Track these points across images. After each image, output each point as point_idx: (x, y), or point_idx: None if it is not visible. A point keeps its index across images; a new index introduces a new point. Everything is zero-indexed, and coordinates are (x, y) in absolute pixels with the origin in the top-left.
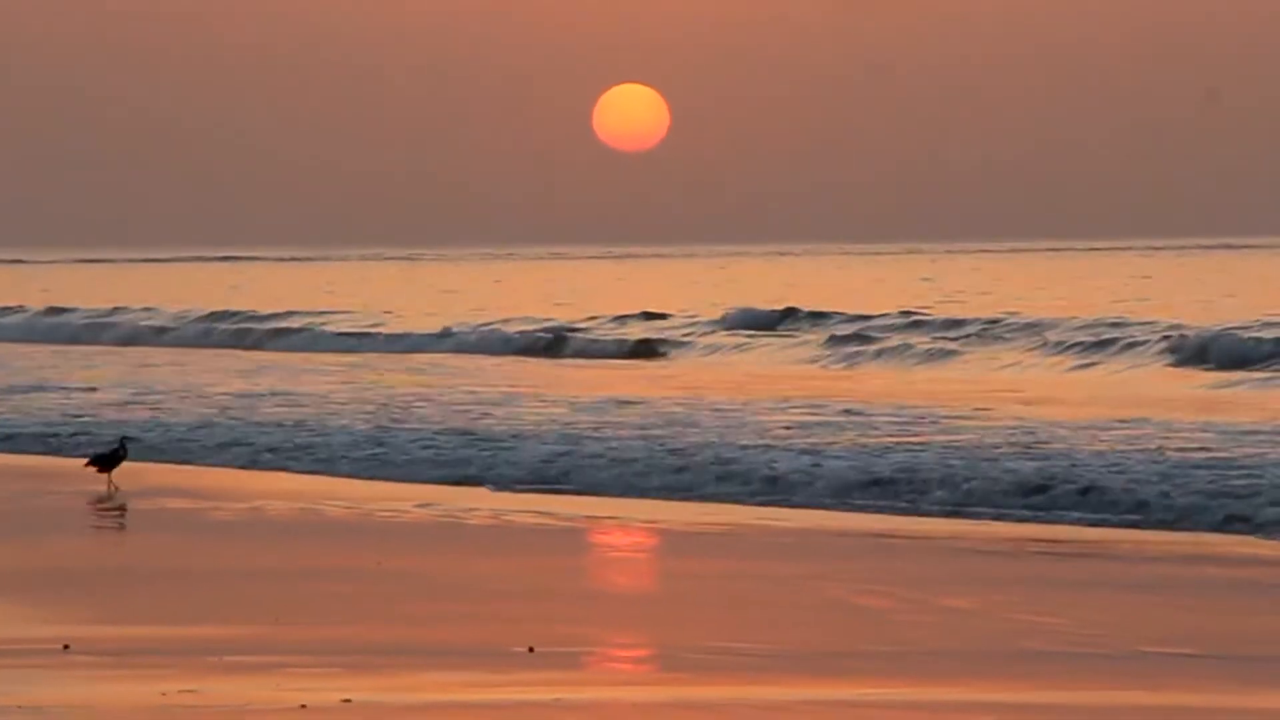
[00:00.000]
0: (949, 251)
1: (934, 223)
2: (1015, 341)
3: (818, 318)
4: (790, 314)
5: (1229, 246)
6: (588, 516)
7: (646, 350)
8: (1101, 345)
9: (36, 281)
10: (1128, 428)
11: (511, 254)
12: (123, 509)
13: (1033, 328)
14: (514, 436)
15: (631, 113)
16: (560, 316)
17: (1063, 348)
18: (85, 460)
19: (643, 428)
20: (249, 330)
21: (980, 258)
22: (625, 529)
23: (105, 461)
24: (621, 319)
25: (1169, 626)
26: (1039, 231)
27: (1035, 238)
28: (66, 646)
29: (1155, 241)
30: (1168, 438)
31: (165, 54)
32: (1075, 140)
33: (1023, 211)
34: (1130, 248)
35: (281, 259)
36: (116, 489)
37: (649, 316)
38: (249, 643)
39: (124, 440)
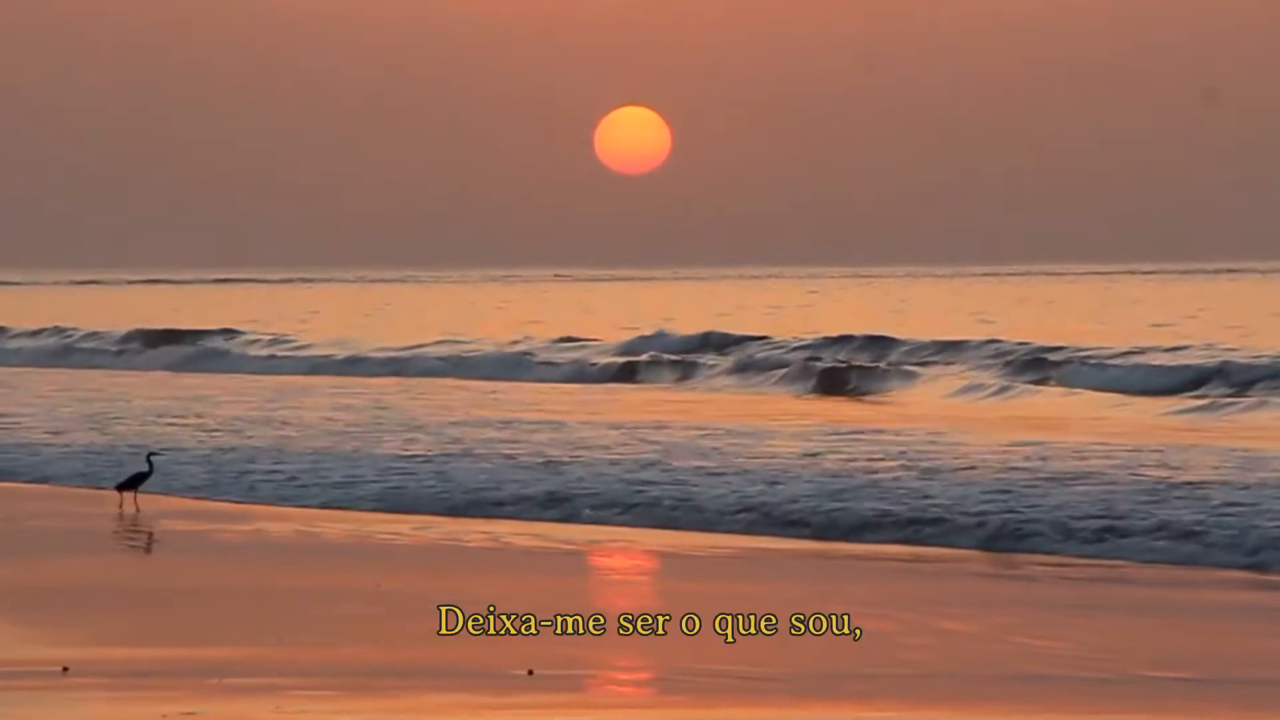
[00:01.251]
0: (953, 275)
1: (942, 245)
2: (922, 370)
3: (732, 343)
4: (706, 340)
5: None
6: (586, 540)
7: (629, 374)
8: (1031, 366)
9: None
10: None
11: (509, 276)
12: (150, 534)
13: (952, 350)
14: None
15: (633, 135)
16: (489, 337)
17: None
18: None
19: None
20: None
21: (981, 280)
22: (625, 552)
23: (132, 482)
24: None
25: (1169, 650)
26: (1060, 254)
27: (1058, 260)
28: (65, 668)
29: (1194, 264)
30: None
31: (161, 70)
32: (1101, 158)
33: (1038, 234)
34: (1162, 270)
35: (275, 280)
36: (137, 510)
37: (569, 340)
38: (249, 664)
39: (149, 456)
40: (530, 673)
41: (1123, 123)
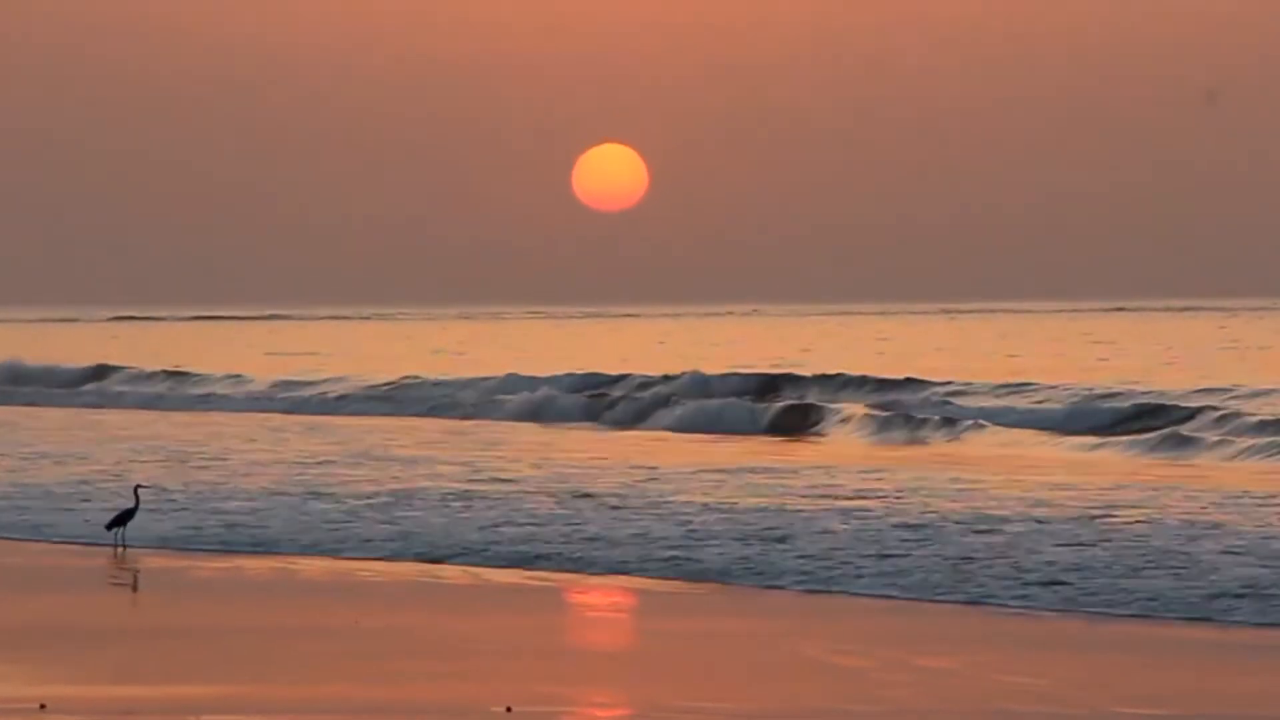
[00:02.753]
0: (928, 312)
1: (924, 281)
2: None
3: (614, 381)
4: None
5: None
6: (566, 580)
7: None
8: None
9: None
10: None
11: (483, 313)
12: (135, 573)
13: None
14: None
15: (611, 172)
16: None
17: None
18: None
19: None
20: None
21: (959, 318)
22: (602, 589)
23: (120, 520)
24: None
25: (1147, 687)
26: (1051, 291)
27: (1047, 297)
28: (43, 706)
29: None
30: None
31: (138, 103)
32: (1086, 193)
33: (1025, 270)
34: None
35: (245, 317)
36: (124, 548)
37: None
38: (227, 702)
39: (136, 489)
40: (509, 709)
41: (1119, 160)
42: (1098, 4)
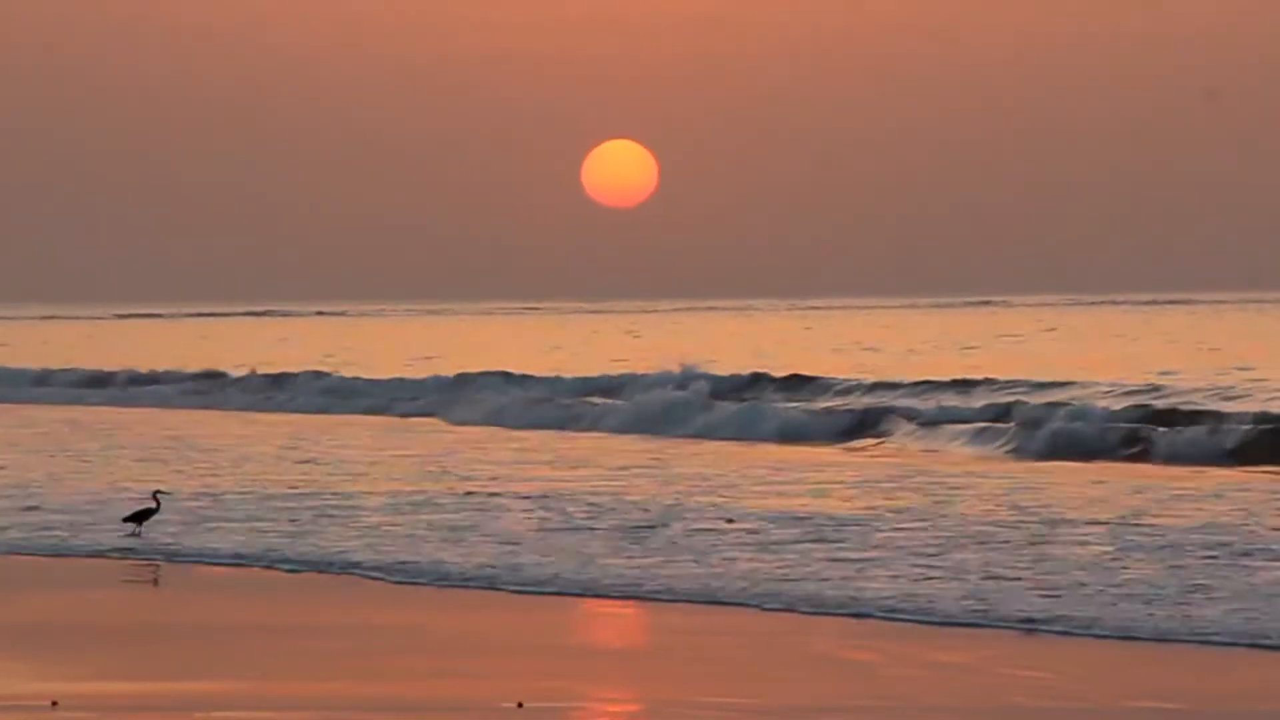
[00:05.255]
0: (941, 305)
1: (928, 278)
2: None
3: (512, 380)
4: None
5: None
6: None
7: None
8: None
9: None
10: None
11: (470, 309)
12: (155, 567)
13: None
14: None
15: (620, 169)
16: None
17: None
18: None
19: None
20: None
21: (946, 312)
22: (616, 588)
23: (138, 517)
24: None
25: (1159, 682)
26: (1050, 287)
27: (1047, 293)
28: (54, 703)
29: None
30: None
31: (145, 109)
32: (1086, 192)
33: (1026, 269)
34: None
35: (251, 313)
36: (140, 535)
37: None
38: (237, 699)
39: (156, 494)
40: (520, 705)
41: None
42: (1098, 4)
